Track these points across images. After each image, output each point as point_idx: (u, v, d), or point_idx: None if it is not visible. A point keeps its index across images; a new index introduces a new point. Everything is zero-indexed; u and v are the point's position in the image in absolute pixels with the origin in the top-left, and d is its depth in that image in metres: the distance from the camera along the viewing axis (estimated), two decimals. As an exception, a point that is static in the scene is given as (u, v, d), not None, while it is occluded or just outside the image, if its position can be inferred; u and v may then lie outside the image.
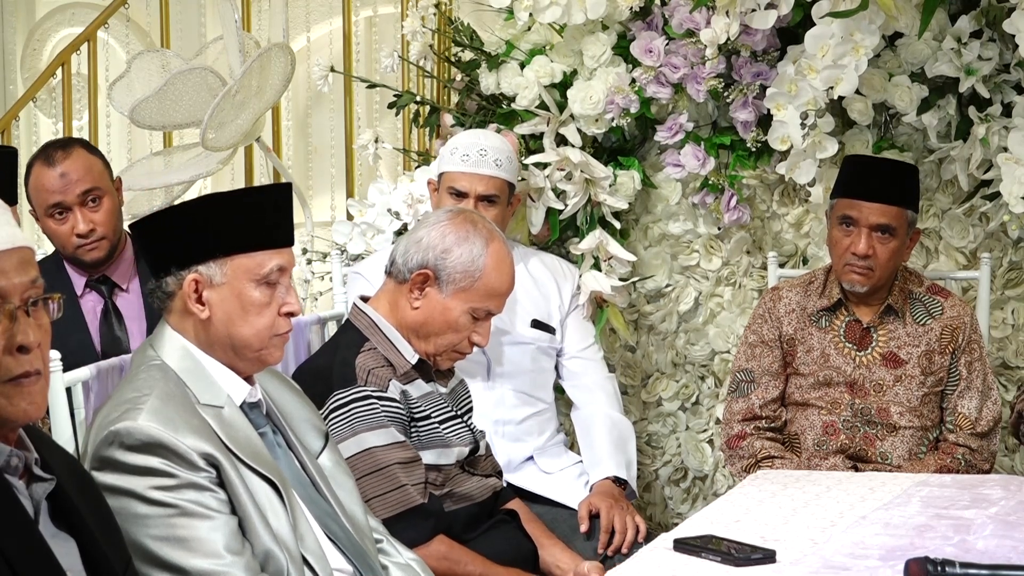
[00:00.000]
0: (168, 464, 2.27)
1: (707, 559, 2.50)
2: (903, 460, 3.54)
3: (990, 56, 3.78)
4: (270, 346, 2.46)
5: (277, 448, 2.50)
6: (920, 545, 2.54)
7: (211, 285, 2.42)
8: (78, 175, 3.51)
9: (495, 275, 3.04)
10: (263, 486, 2.36)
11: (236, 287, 2.42)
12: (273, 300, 2.44)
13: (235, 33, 4.23)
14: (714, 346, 4.24)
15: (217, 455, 2.31)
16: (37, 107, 5.51)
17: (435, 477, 2.99)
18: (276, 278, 2.44)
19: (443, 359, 3.07)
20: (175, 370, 2.41)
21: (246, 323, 2.43)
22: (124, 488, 2.27)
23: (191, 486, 2.28)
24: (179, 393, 2.37)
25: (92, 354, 3.47)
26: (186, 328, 2.45)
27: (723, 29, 3.82)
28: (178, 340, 2.44)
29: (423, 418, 2.99)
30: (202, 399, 2.39)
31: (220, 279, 2.41)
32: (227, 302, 2.42)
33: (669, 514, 4.31)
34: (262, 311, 2.44)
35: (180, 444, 2.28)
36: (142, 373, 2.41)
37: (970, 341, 3.59)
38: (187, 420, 2.32)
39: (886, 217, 3.51)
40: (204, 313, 2.42)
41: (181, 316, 2.45)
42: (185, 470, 2.28)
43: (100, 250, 3.53)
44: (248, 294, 2.42)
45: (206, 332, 2.44)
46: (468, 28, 4.33)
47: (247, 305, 2.43)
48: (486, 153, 3.63)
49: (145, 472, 2.27)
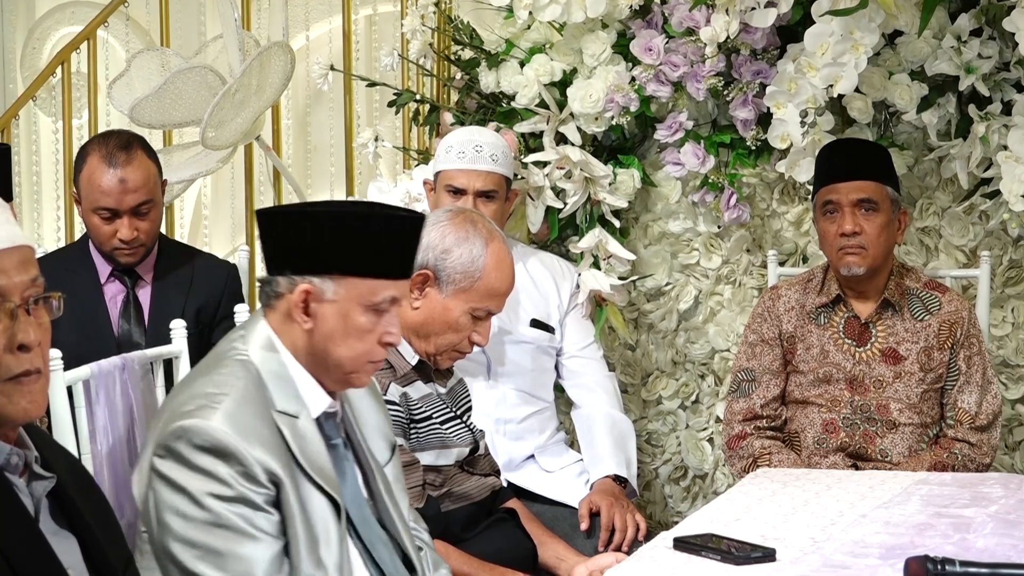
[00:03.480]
0: (230, 474, 2.22)
1: (707, 558, 2.50)
2: (903, 457, 3.54)
3: (990, 54, 3.78)
4: (361, 371, 2.40)
5: (344, 462, 2.45)
6: (920, 543, 2.54)
7: (321, 299, 2.34)
8: (136, 185, 3.49)
9: (495, 275, 3.04)
10: (322, 503, 2.31)
11: (345, 308, 2.35)
12: (376, 327, 2.37)
13: (235, 32, 4.23)
14: (714, 344, 4.24)
15: (280, 473, 2.26)
16: (37, 106, 5.51)
17: (434, 478, 2.99)
18: (386, 307, 2.38)
19: (443, 359, 3.07)
20: (259, 370, 2.35)
21: (345, 345, 2.36)
22: (180, 484, 2.23)
23: (245, 501, 2.23)
24: (257, 396, 2.32)
25: (110, 343, 3.49)
26: (284, 332, 2.38)
27: (723, 27, 3.82)
28: (271, 340, 2.38)
29: (424, 419, 2.99)
30: (279, 405, 2.33)
31: (331, 296, 2.34)
32: (332, 320, 2.35)
33: (669, 513, 4.31)
34: (363, 336, 2.37)
35: (247, 455, 2.23)
36: (226, 367, 2.35)
37: (968, 335, 3.59)
38: (259, 430, 2.27)
39: (865, 192, 3.53)
40: (307, 325, 2.35)
41: (283, 319, 2.38)
42: (245, 483, 2.23)
43: (136, 256, 3.56)
44: (355, 318, 2.35)
45: (304, 343, 2.37)
46: (468, 26, 4.33)
47: (351, 328, 2.36)
48: (481, 149, 3.63)
49: (206, 474, 2.22)
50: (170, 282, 3.63)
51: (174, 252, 3.73)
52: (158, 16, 5.15)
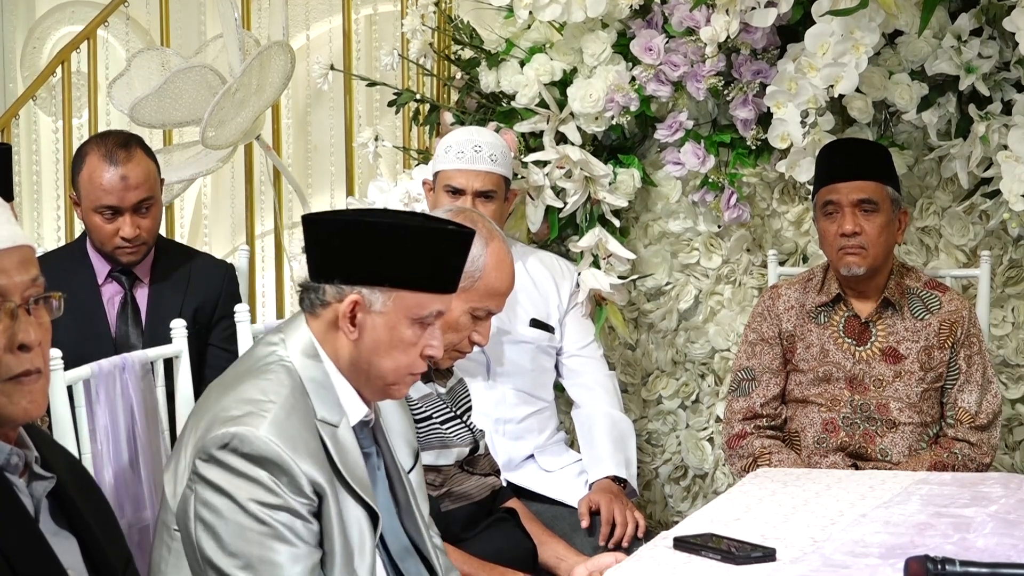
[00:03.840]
0: (276, 482, 2.22)
1: (707, 557, 2.50)
2: (903, 456, 3.54)
3: (990, 54, 3.78)
4: (402, 383, 2.40)
5: (376, 472, 2.45)
6: (920, 543, 2.54)
7: (369, 311, 2.33)
8: (137, 182, 3.49)
9: (495, 275, 3.03)
10: (359, 514, 2.31)
11: (392, 320, 2.34)
12: (420, 341, 2.37)
13: (235, 31, 4.23)
14: (714, 344, 4.24)
15: (324, 485, 2.27)
16: (37, 105, 5.50)
17: (434, 478, 2.98)
18: (432, 321, 2.38)
19: (443, 358, 3.07)
20: (302, 376, 2.35)
21: (390, 357, 2.36)
22: (224, 488, 2.23)
23: (289, 510, 2.23)
24: (302, 405, 2.31)
25: (108, 343, 3.49)
26: (327, 340, 2.37)
27: (723, 27, 3.82)
28: (314, 347, 2.37)
29: (424, 419, 2.98)
30: (320, 413, 2.33)
31: (380, 307, 2.33)
32: (379, 331, 2.34)
33: (669, 512, 4.31)
34: (407, 349, 2.36)
35: (295, 467, 2.23)
36: (271, 372, 2.34)
37: (968, 335, 3.59)
38: (306, 440, 2.27)
39: (865, 192, 3.53)
40: (353, 335, 2.34)
41: (327, 327, 2.37)
42: (290, 493, 2.23)
43: (139, 254, 3.56)
44: (401, 331, 2.35)
45: (347, 352, 2.37)
46: (468, 26, 4.33)
47: (396, 341, 2.35)
48: (480, 149, 3.63)
49: (252, 481, 2.22)
50: (167, 283, 3.63)
51: (171, 253, 3.73)
52: (158, 16, 5.15)
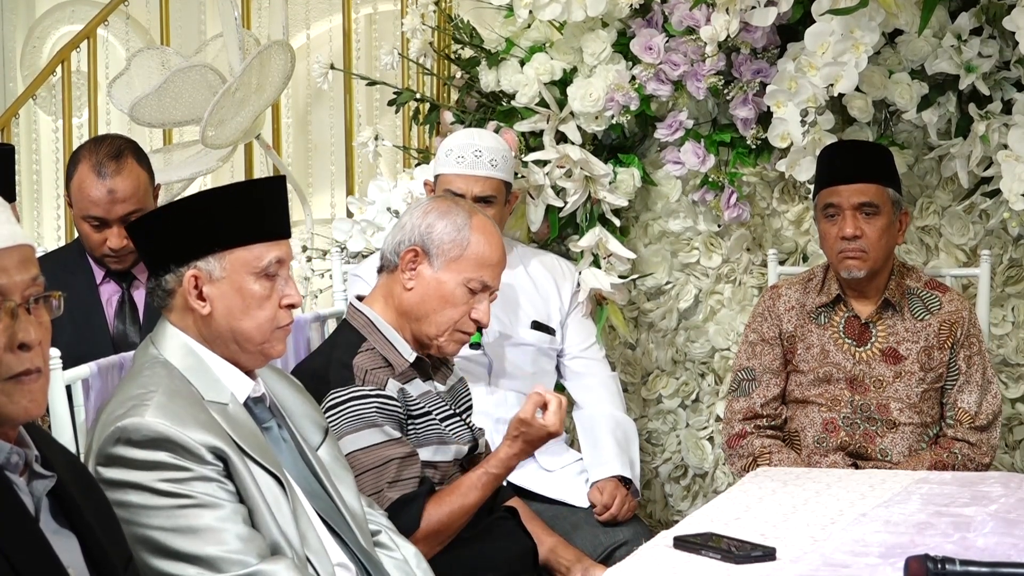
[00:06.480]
0: (176, 458, 2.28)
1: (707, 557, 2.50)
2: (903, 457, 3.54)
3: (990, 53, 3.77)
4: (272, 339, 2.47)
5: (282, 443, 2.51)
6: (920, 542, 2.54)
7: (211, 280, 2.42)
8: (125, 195, 3.45)
9: (484, 242, 3.04)
10: (268, 481, 2.37)
11: (236, 281, 2.43)
12: (273, 293, 2.45)
13: (235, 30, 4.23)
14: (714, 343, 4.24)
15: (225, 448, 2.32)
16: (37, 105, 5.50)
17: (432, 474, 2.98)
18: (275, 270, 2.45)
19: (447, 342, 3.05)
20: (179, 368, 2.42)
21: (248, 316, 2.44)
22: (132, 482, 2.28)
23: (200, 479, 2.29)
24: (185, 390, 2.38)
25: (106, 343, 3.49)
26: (187, 325, 2.45)
27: (723, 26, 3.82)
28: (180, 337, 2.45)
29: (422, 415, 2.98)
30: (207, 396, 2.40)
31: (220, 274, 2.42)
32: (228, 296, 2.43)
33: (669, 511, 4.31)
34: (263, 304, 2.44)
35: (187, 439, 2.29)
36: (146, 370, 2.41)
37: (968, 335, 3.59)
38: (194, 415, 2.33)
39: (866, 195, 3.53)
40: (205, 309, 2.43)
41: (182, 313, 2.45)
42: (194, 463, 2.29)
43: (126, 263, 3.54)
44: (248, 287, 2.43)
45: (208, 328, 2.45)
46: (468, 25, 4.33)
47: (248, 299, 2.43)
48: (481, 154, 3.62)
49: (153, 467, 2.28)
50: None
51: None
52: (158, 15, 5.16)
